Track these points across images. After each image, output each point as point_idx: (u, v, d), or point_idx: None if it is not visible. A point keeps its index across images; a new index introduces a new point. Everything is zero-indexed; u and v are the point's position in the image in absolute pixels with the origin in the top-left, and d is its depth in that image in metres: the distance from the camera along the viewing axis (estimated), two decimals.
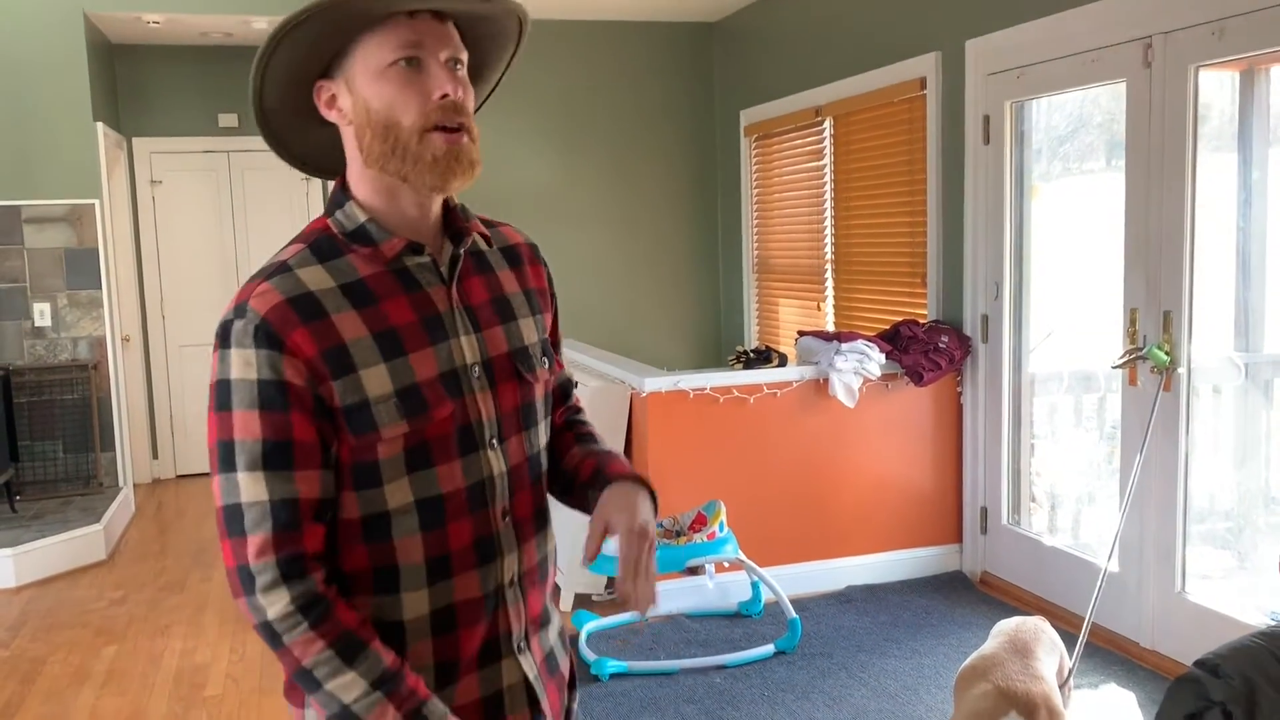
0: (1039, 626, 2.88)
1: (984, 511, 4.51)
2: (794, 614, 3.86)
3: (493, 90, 1.43)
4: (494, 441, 1.29)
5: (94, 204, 5.83)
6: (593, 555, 1.32)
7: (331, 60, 1.24)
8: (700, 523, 3.88)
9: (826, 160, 5.54)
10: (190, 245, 7.13)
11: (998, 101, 4.25)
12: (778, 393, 4.33)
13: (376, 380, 1.20)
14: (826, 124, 5.50)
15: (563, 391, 1.54)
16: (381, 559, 1.24)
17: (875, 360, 4.30)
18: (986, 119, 4.30)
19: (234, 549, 1.18)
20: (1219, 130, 3.62)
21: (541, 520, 1.38)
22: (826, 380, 4.32)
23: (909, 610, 4.20)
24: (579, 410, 1.57)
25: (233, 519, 1.18)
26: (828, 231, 5.59)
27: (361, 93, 1.22)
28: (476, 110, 1.33)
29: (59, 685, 3.80)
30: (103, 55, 6.38)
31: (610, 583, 4.51)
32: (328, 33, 1.20)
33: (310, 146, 1.35)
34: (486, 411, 1.29)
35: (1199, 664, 1.56)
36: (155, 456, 7.18)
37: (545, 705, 1.36)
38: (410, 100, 1.21)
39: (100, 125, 5.90)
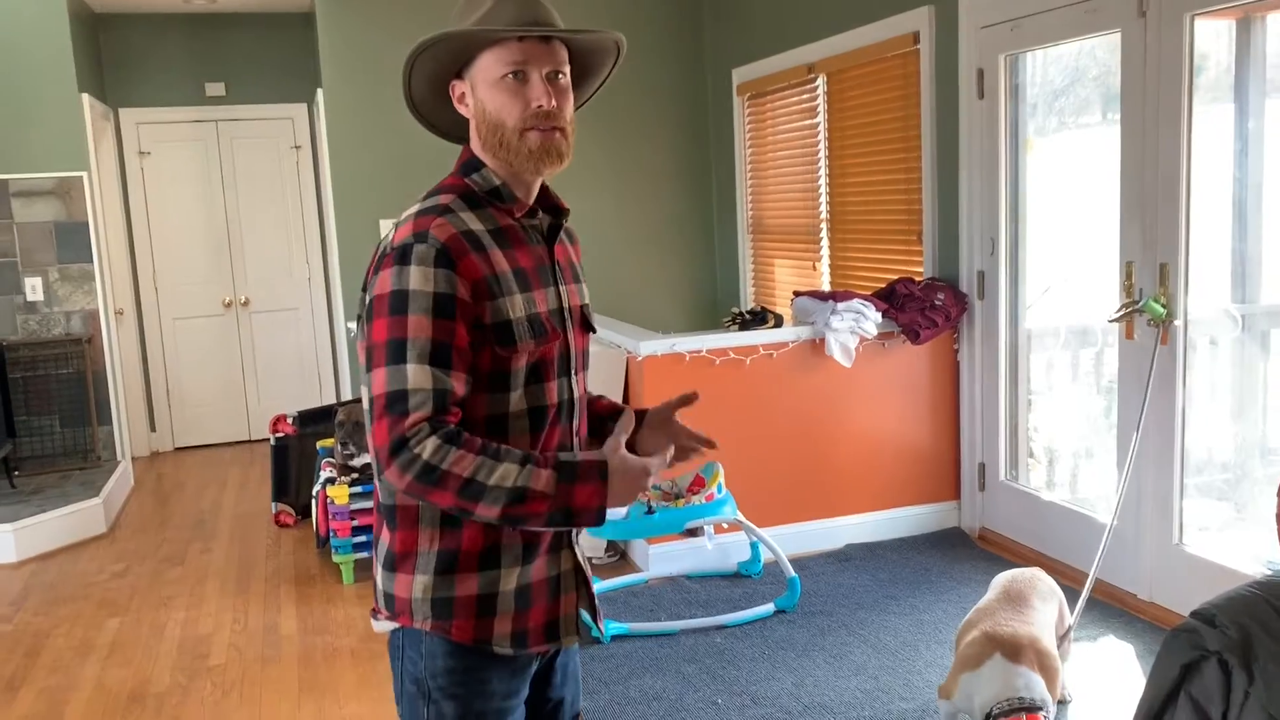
0: (1035, 575, 2.90)
1: (982, 468, 4.52)
2: (793, 573, 3.88)
3: (595, 92, 1.75)
4: (574, 372, 1.64)
5: (82, 176, 5.78)
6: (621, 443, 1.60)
7: (463, 65, 1.57)
8: (698, 485, 3.88)
9: (820, 118, 5.49)
10: (181, 216, 7.09)
11: (991, 55, 4.20)
12: (774, 354, 4.32)
13: (517, 305, 1.52)
14: (819, 81, 5.45)
15: None
16: None
17: (871, 319, 4.29)
18: (980, 73, 4.26)
19: (391, 425, 1.42)
20: (1215, 80, 3.58)
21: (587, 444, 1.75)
22: (823, 340, 4.31)
23: (908, 568, 4.22)
24: None
25: (396, 400, 1.43)
26: (822, 190, 5.55)
27: (481, 96, 1.56)
28: (580, 106, 1.69)
29: (64, 658, 3.82)
30: (86, 25, 6.30)
31: (610, 545, 4.52)
32: (457, 48, 1.54)
33: (444, 120, 1.68)
34: (575, 346, 1.64)
35: (1195, 614, 1.56)
36: (153, 429, 7.18)
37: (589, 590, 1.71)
38: (514, 107, 1.53)
39: (86, 96, 5.84)
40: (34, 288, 5.78)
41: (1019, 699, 2.49)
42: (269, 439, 5.33)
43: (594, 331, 1.73)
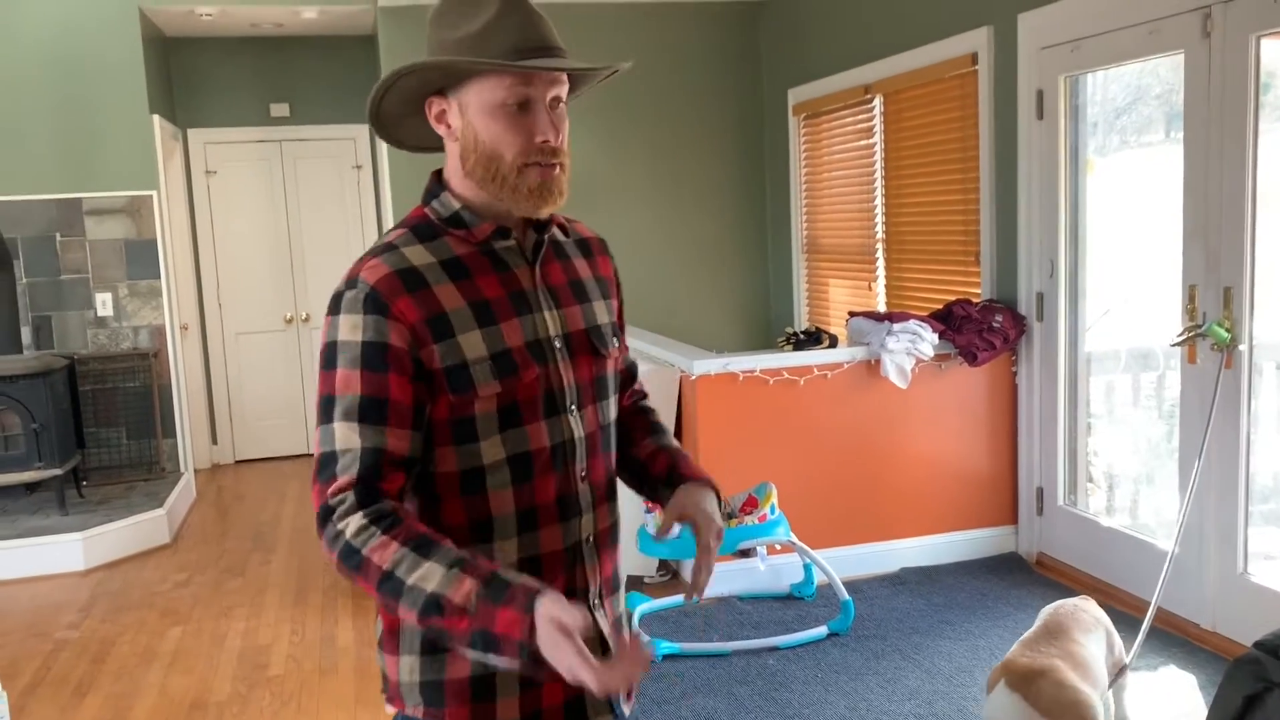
0: (1077, 606, 2.84)
1: (1040, 492, 4.46)
2: (847, 596, 3.86)
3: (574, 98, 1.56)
4: (573, 407, 1.43)
5: (152, 195, 5.94)
6: (668, 530, 1.50)
7: (448, 83, 1.38)
8: (751, 505, 3.88)
9: (876, 138, 5.48)
10: (245, 234, 7.25)
11: (1051, 76, 4.17)
12: (828, 374, 4.31)
13: (473, 344, 1.34)
14: (876, 102, 5.44)
15: (629, 374, 1.68)
16: (477, 511, 1.37)
17: (928, 340, 4.27)
18: (1040, 94, 4.23)
19: (321, 490, 1.30)
20: None
21: (612, 487, 1.52)
22: (878, 361, 4.29)
23: (964, 592, 4.17)
24: (644, 395, 1.72)
25: (325, 464, 1.30)
26: (878, 210, 5.53)
27: (472, 121, 1.36)
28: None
29: (128, 665, 3.91)
30: (158, 49, 6.50)
31: (662, 565, 4.53)
32: (450, 72, 1.36)
33: (408, 133, 1.50)
34: (567, 379, 1.42)
35: (1258, 645, 1.54)
36: (215, 442, 7.33)
37: None
38: (514, 140, 1.35)
39: (156, 118, 6.01)
40: (104, 303, 5.95)
41: None
42: None
43: (603, 353, 1.48)
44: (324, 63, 7.18)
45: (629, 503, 4.31)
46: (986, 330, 4.33)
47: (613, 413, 1.52)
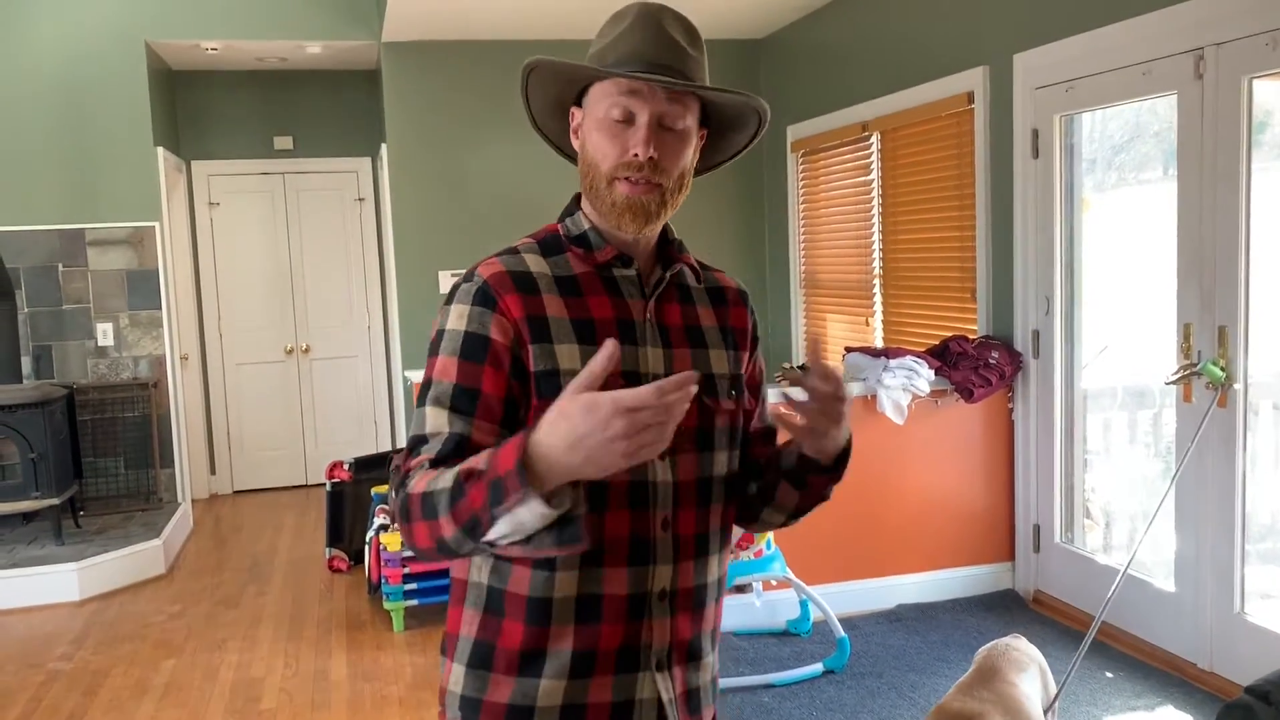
0: (1008, 645, 2.85)
1: (1036, 529, 4.45)
2: (843, 633, 3.84)
3: (728, 160, 1.56)
4: (665, 451, 1.28)
5: (154, 226, 5.98)
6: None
7: (580, 93, 1.40)
8: (747, 540, 3.87)
9: (874, 175, 5.52)
10: (246, 266, 7.28)
11: (1046, 115, 4.21)
12: None
13: (568, 355, 1.32)
14: (874, 139, 5.48)
15: (765, 433, 1.54)
16: None
17: (924, 376, 4.28)
18: (1035, 133, 4.26)
19: (402, 467, 1.28)
20: (1278, 139, 3.55)
21: (705, 545, 1.40)
22: (875, 397, 4.30)
23: (960, 630, 4.15)
24: None
25: (413, 445, 1.29)
26: (875, 247, 5.56)
27: (588, 134, 1.38)
28: (707, 170, 1.53)
29: (120, 697, 3.89)
30: (163, 81, 6.56)
31: None
32: (563, 78, 1.38)
33: (553, 130, 1.50)
34: None
35: (1249, 690, 1.54)
36: (213, 473, 7.32)
37: None
38: (610, 151, 1.35)
39: (160, 150, 6.06)
40: (105, 333, 5.97)
41: None
42: (325, 485, 5.42)
43: (708, 403, 1.40)
44: (328, 97, 7.25)
45: None
46: (983, 367, 4.34)
47: (722, 468, 1.41)
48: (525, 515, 1.10)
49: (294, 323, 7.39)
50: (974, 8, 4.58)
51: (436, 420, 1.29)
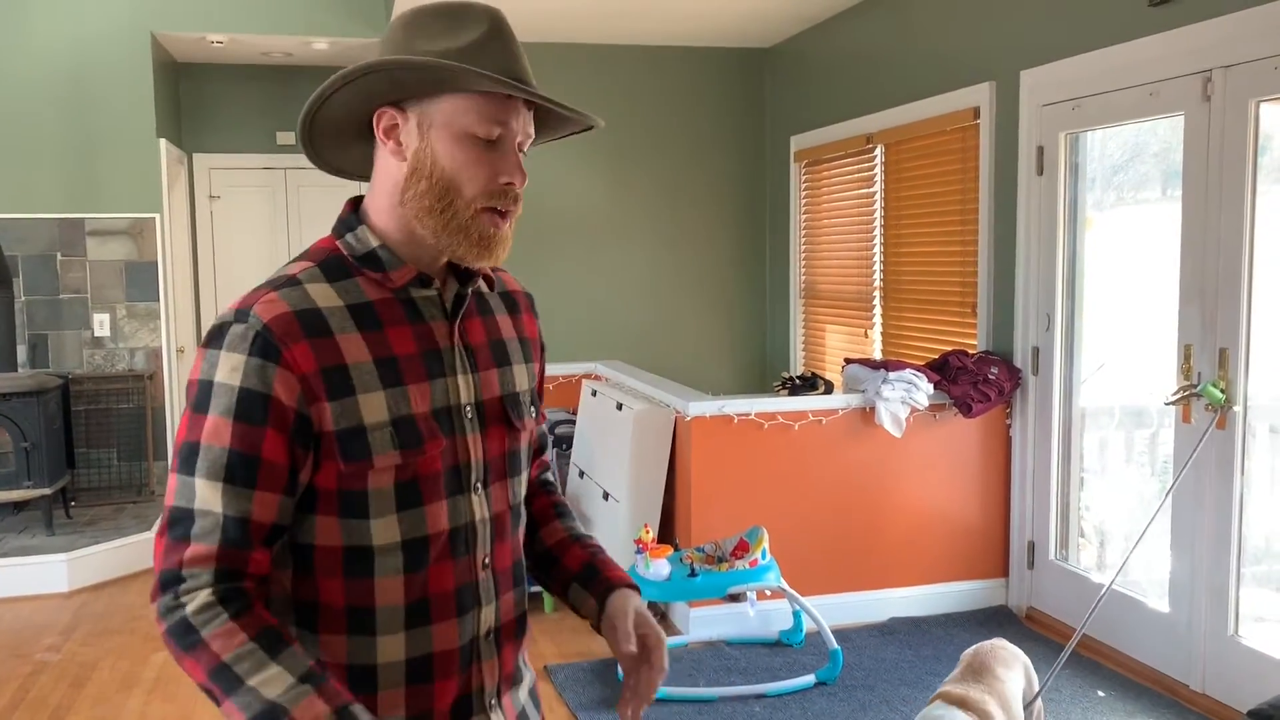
0: (995, 644, 2.92)
1: (1031, 546, 4.45)
2: (835, 644, 3.83)
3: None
4: (479, 485, 1.27)
5: (155, 218, 5.96)
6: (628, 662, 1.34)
7: (411, 95, 1.21)
8: (742, 549, 3.86)
9: (877, 188, 5.52)
10: (246, 260, 7.26)
11: (1052, 133, 4.21)
12: (823, 420, 4.32)
13: (374, 407, 1.18)
14: (878, 151, 5.49)
15: (539, 445, 1.53)
16: (358, 597, 1.21)
17: (923, 390, 4.27)
18: (1040, 150, 4.27)
19: (169, 550, 1.13)
20: None
21: (519, 574, 1.36)
22: (873, 409, 4.30)
23: (952, 644, 4.14)
24: (548, 468, 1.56)
25: (179, 521, 1.14)
26: (877, 259, 5.57)
27: (433, 143, 1.20)
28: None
29: (108, 690, 3.87)
30: (168, 73, 6.54)
31: (651, 607, 4.50)
32: (429, 79, 1.19)
33: (334, 149, 1.32)
34: (475, 453, 1.26)
35: (1252, 714, 1.53)
36: None
37: None
38: (477, 174, 1.20)
39: (163, 141, 6.05)
40: (102, 324, 5.94)
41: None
42: None
43: (516, 425, 1.32)
44: None
45: (612, 536, 4.30)
46: (982, 382, 4.34)
47: (523, 490, 1.36)
48: None
49: None
50: (982, 23, 4.59)
51: (207, 496, 1.13)
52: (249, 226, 7.25)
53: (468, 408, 1.26)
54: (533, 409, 1.37)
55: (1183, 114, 3.60)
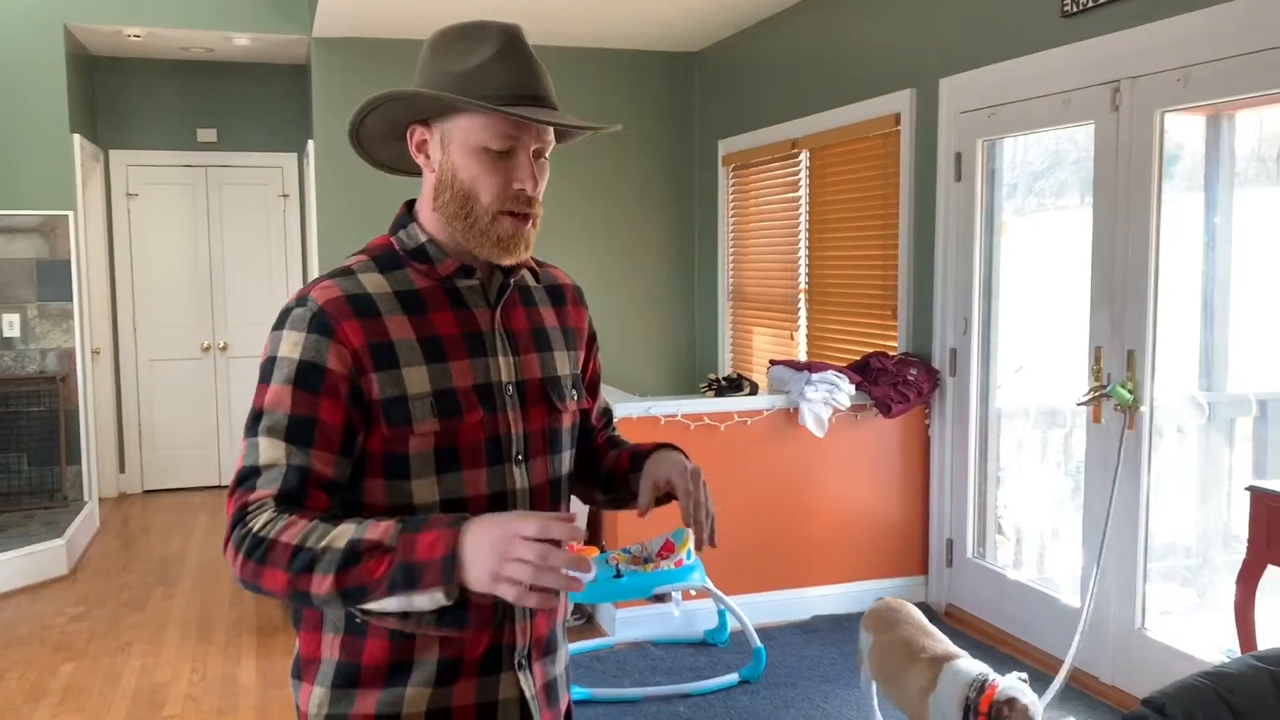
0: (889, 605, 3.15)
1: (949, 544, 4.54)
2: (759, 643, 3.87)
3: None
4: (519, 457, 1.39)
5: (68, 215, 5.80)
6: (649, 504, 1.44)
7: (435, 114, 1.35)
8: (668, 550, 3.88)
9: (802, 192, 5.60)
10: (164, 259, 7.10)
11: (970, 139, 4.31)
12: (748, 421, 4.36)
13: (416, 378, 1.31)
14: (803, 156, 5.56)
15: (605, 419, 1.66)
16: None
17: (845, 391, 4.34)
18: (959, 156, 4.36)
19: (239, 498, 1.26)
20: (1191, 171, 3.69)
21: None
22: (797, 410, 4.35)
23: None
24: (615, 429, 1.71)
25: (246, 476, 1.27)
26: (802, 262, 5.64)
27: (452, 157, 1.35)
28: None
29: (14, 702, 3.75)
30: (82, 67, 6.37)
31: (576, 609, 4.50)
32: (436, 104, 1.33)
33: (387, 154, 1.48)
34: (515, 427, 1.38)
35: (1146, 702, 1.59)
36: (122, 471, 7.11)
37: None
38: (492, 184, 1.33)
39: (77, 137, 5.89)
40: (11, 324, 5.76)
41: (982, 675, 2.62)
42: None
43: (557, 405, 1.44)
44: (255, 90, 7.11)
45: None
46: (901, 383, 4.42)
47: (566, 467, 1.48)
48: (422, 600, 1.18)
49: (212, 319, 7.22)
50: (903, 31, 4.68)
51: (272, 452, 1.27)
52: (169, 225, 7.09)
53: (509, 386, 1.39)
54: (574, 392, 1.48)
55: (1093, 123, 3.71)
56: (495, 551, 1.14)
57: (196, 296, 7.18)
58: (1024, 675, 2.60)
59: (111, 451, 7.01)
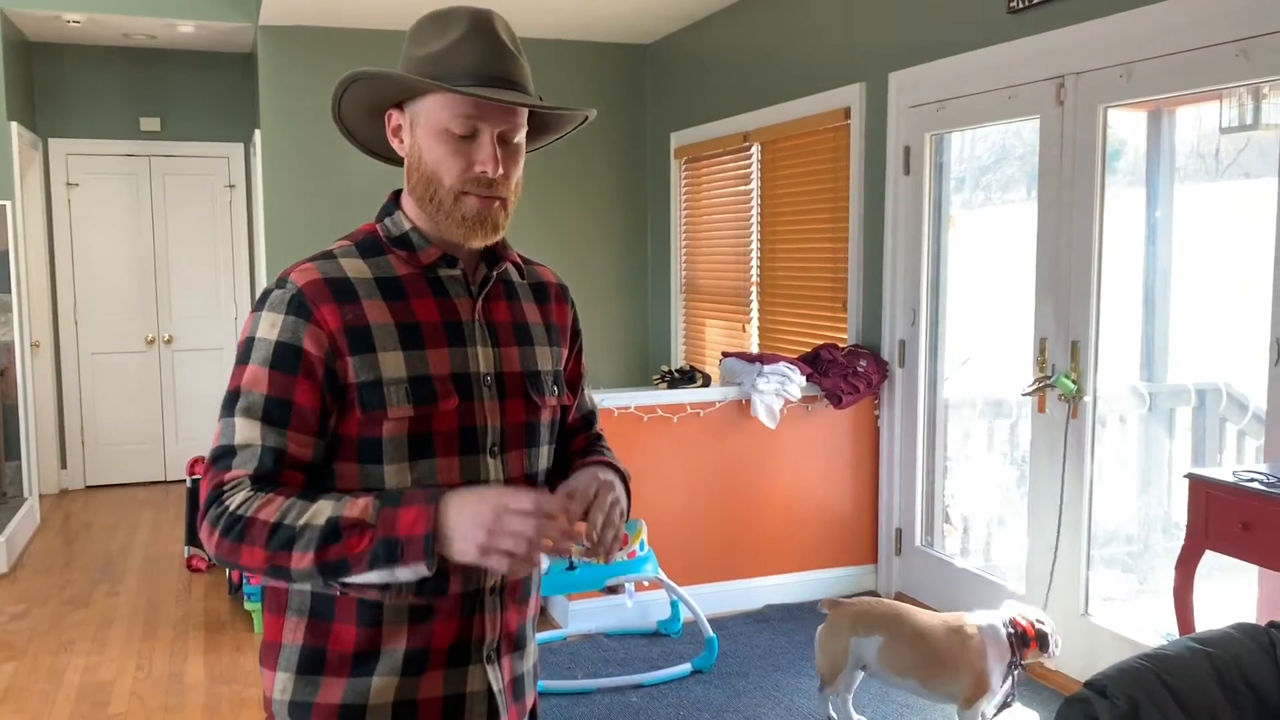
0: (867, 604, 3.26)
1: (899, 533, 4.60)
2: (711, 633, 3.89)
3: (545, 145, 1.55)
4: (495, 449, 1.38)
5: (5, 205, 5.66)
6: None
7: (405, 98, 1.37)
8: (621, 541, 3.88)
9: (754, 185, 5.62)
10: (107, 250, 6.96)
11: (918, 133, 4.36)
12: (701, 413, 4.37)
13: (392, 363, 1.31)
14: (754, 149, 5.58)
15: (585, 421, 1.62)
16: None
17: (796, 382, 4.37)
18: (907, 150, 4.41)
19: (214, 476, 1.27)
20: (1133, 166, 3.77)
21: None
22: (749, 401, 4.38)
23: None
24: (600, 437, 1.64)
25: (222, 456, 1.27)
26: (754, 255, 5.66)
27: (419, 140, 1.35)
28: (530, 151, 1.48)
29: None
30: (19, 53, 6.22)
31: None
32: (398, 86, 1.35)
33: (375, 140, 1.48)
34: (491, 419, 1.38)
35: (1088, 685, 1.62)
36: (64, 466, 6.97)
37: None
38: (454, 165, 1.33)
39: (14, 125, 5.74)
40: None
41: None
42: (185, 481, 5.21)
43: (536, 400, 1.43)
44: (200, 78, 6.99)
45: None
46: (851, 374, 4.47)
47: (543, 463, 1.46)
48: (404, 573, 1.20)
49: (156, 312, 7.09)
50: (853, 25, 4.71)
51: (247, 432, 1.27)
52: (111, 215, 6.95)
53: (487, 377, 1.38)
54: (555, 388, 1.47)
55: (1038, 117, 3.77)
56: (482, 526, 1.16)
57: (140, 289, 7.05)
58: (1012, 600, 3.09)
59: (53, 447, 6.87)
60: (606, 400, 4.23)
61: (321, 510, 1.21)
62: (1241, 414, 3.82)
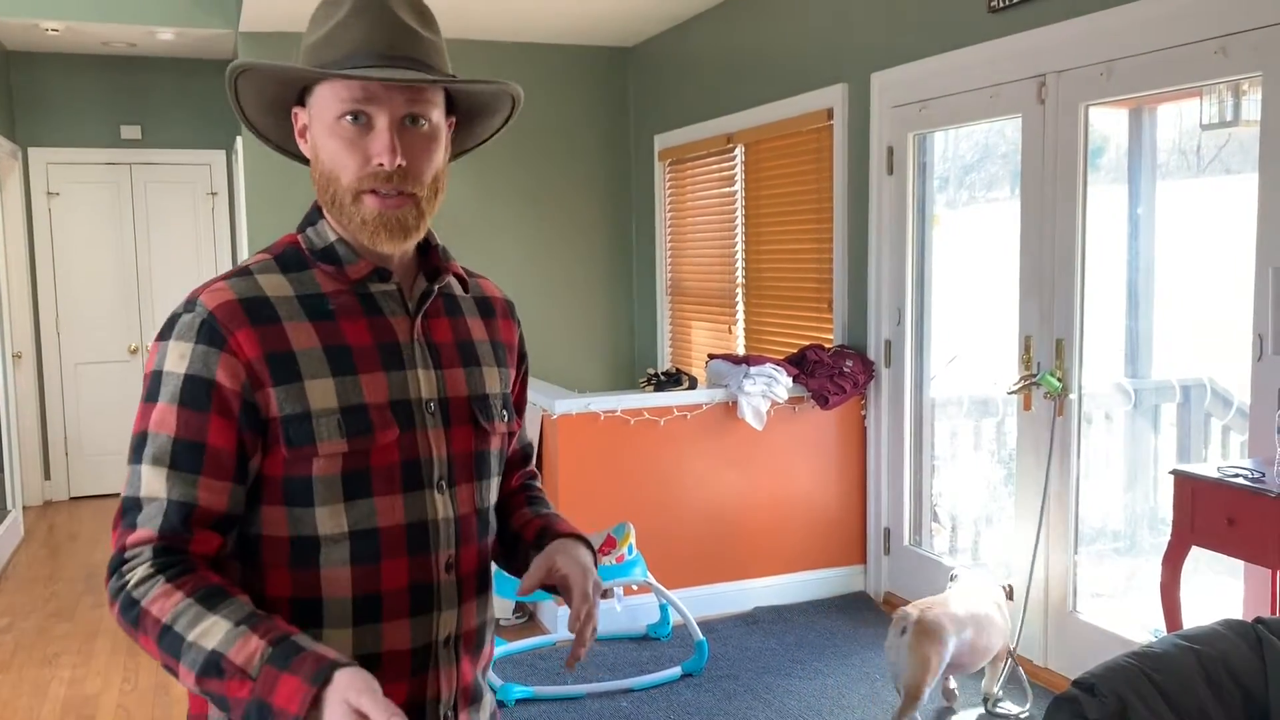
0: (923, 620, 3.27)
1: (887, 533, 4.60)
2: (701, 636, 3.88)
3: (481, 144, 1.39)
4: (442, 483, 1.24)
5: None
6: (532, 588, 1.28)
7: (302, 92, 1.23)
8: (609, 545, 3.88)
9: (738, 186, 5.62)
10: (88, 259, 6.92)
11: (901, 133, 4.36)
12: (688, 415, 4.37)
13: (321, 393, 1.16)
14: (738, 151, 5.59)
15: (522, 455, 1.50)
16: (304, 589, 1.18)
17: (782, 384, 4.37)
18: (890, 150, 4.42)
19: (119, 538, 1.15)
20: (1115, 163, 3.78)
21: (485, 580, 1.32)
22: (735, 403, 4.37)
23: (814, 631, 4.25)
24: (535, 476, 1.53)
25: (128, 510, 1.15)
26: (739, 256, 5.67)
27: (315, 138, 1.22)
28: (458, 156, 1.34)
29: None
30: None
31: (519, 607, 4.48)
32: (275, 79, 1.21)
33: (291, 143, 1.33)
34: (437, 450, 1.24)
35: (1076, 683, 1.62)
36: (48, 478, 6.92)
37: None
38: (349, 161, 1.18)
39: None
40: None
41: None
42: None
43: (484, 426, 1.29)
44: (180, 86, 6.95)
45: None
46: (838, 375, 4.47)
47: (493, 496, 1.33)
48: None
49: (139, 321, 7.05)
50: (836, 26, 4.72)
51: (153, 483, 1.13)
52: (92, 225, 6.91)
53: (430, 403, 1.24)
54: (505, 413, 1.34)
55: (1020, 116, 3.78)
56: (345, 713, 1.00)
57: (122, 298, 7.01)
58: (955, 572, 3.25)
59: (36, 458, 6.82)
60: (593, 404, 4.23)
61: (212, 632, 1.06)
62: (1226, 409, 3.84)
